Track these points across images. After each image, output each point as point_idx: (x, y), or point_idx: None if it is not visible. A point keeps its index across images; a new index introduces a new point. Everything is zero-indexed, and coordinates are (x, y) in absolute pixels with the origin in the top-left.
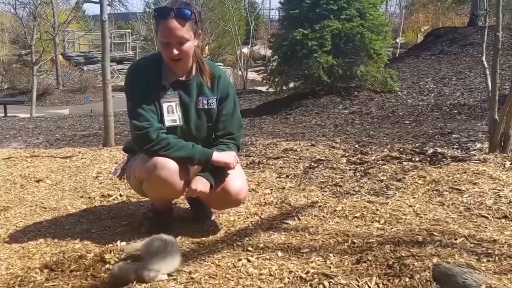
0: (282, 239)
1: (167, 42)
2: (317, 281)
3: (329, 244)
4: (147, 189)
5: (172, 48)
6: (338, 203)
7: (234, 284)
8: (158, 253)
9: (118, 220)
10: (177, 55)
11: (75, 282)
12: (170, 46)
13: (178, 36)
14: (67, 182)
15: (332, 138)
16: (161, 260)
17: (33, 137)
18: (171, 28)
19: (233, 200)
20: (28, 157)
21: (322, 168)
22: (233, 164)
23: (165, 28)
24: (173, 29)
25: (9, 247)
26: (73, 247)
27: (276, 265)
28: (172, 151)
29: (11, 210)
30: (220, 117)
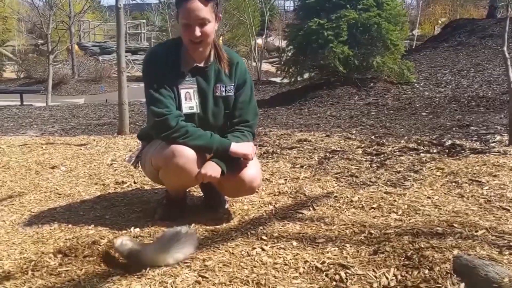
0: (297, 229)
1: (189, 23)
2: (333, 271)
3: (345, 235)
4: (163, 176)
5: (193, 29)
6: (355, 193)
7: (248, 272)
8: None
9: (132, 207)
10: (199, 37)
11: (88, 267)
12: (192, 28)
13: (200, 17)
14: (81, 169)
15: (348, 129)
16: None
17: (49, 125)
18: (194, 9)
19: (247, 188)
20: (43, 144)
21: (338, 158)
22: (251, 156)
23: (187, 10)
24: (195, 10)
25: (23, 232)
26: (86, 233)
27: (291, 255)
28: (190, 139)
29: (26, 196)
30: (236, 104)
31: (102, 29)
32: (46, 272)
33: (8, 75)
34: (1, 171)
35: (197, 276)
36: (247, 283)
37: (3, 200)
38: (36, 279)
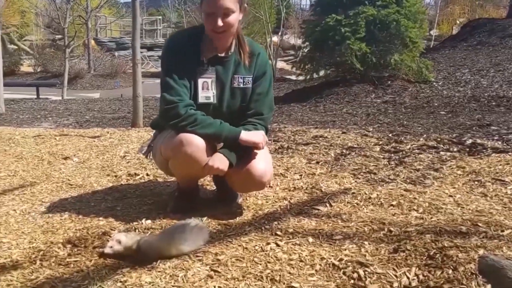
0: (313, 225)
1: (212, 12)
2: (351, 269)
3: (364, 232)
4: (172, 166)
5: (217, 19)
6: (373, 190)
7: (262, 268)
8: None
9: (144, 198)
10: (222, 27)
11: (97, 259)
12: (215, 17)
13: (224, 6)
14: (94, 160)
15: (364, 127)
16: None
17: (63, 118)
18: None
19: (257, 182)
20: (57, 135)
21: (355, 155)
22: (262, 144)
23: None
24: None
25: (34, 221)
26: (97, 224)
27: (307, 251)
28: (199, 127)
29: (38, 186)
30: (253, 96)
31: (118, 24)
32: (54, 262)
33: (25, 69)
34: (14, 161)
35: (209, 270)
36: (261, 279)
37: (14, 189)
38: (44, 269)
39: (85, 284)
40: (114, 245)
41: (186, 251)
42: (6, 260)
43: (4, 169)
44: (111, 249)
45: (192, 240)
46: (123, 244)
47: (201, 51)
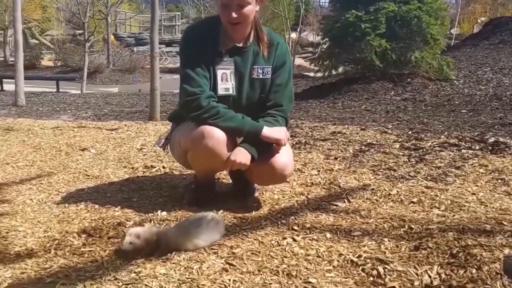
0: (331, 221)
1: (227, 4)
2: (371, 266)
3: (383, 229)
4: (192, 159)
5: (231, 10)
6: (393, 187)
7: (278, 263)
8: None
9: (160, 190)
10: (236, 18)
11: (112, 249)
12: (230, 9)
13: None
14: (111, 152)
15: (384, 124)
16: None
17: (82, 111)
18: None
19: (278, 175)
20: (75, 127)
21: (374, 152)
22: (284, 141)
23: None
24: None
25: (50, 211)
26: (112, 214)
27: (324, 247)
28: (221, 120)
29: (55, 176)
30: (272, 87)
31: (137, 20)
32: (69, 251)
33: (46, 63)
34: (32, 151)
35: (224, 263)
36: (277, 273)
37: (32, 179)
38: (59, 258)
39: (99, 274)
40: (134, 240)
41: (201, 245)
42: (21, 248)
43: (22, 159)
44: (131, 245)
45: (208, 234)
46: (143, 238)
47: (219, 42)
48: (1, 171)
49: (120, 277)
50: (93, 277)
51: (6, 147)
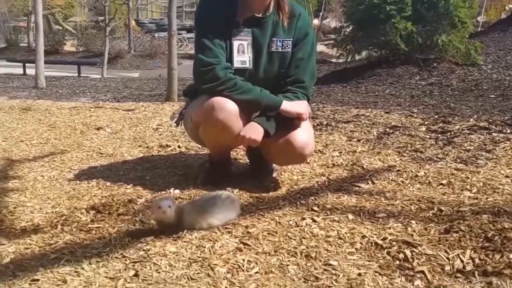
0: (353, 202)
1: None
2: (397, 249)
3: (410, 211)
4: (203, 134)
5: None
6: (420, 168)
7: (296, 244)
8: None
9: (174, 169)
10: None
11: (121, 226)
12: None
13: None
14: (127, 131)
15: (408, 108)
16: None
17: (101, 94)
18: None
19: (297, 154)
20: (92, 108)
21: (399, 134)
22: (305, 116)
23: None
24: None
25: (60, 187)
26: (124, 192)
27: (346, 228)
28: (238, 92)
29: (68, 154)
30: (293, 61)
31: (158, 6)
32: (76, 227)
33: (68, 49)
34: (47, 130)
35: (238, 243)
36: (295, 254)
37: (45, 156)
38: (65, 234)
39: (106, 251)
40: (167, 211)
41: (216, 224)
42: (27, 223)
43: (37, 137)
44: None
45: (223, 213)
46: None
47: (237, 12)
48: (14, 148)
49: (128, 255)
50: (99, 254)
51: (22, 125)
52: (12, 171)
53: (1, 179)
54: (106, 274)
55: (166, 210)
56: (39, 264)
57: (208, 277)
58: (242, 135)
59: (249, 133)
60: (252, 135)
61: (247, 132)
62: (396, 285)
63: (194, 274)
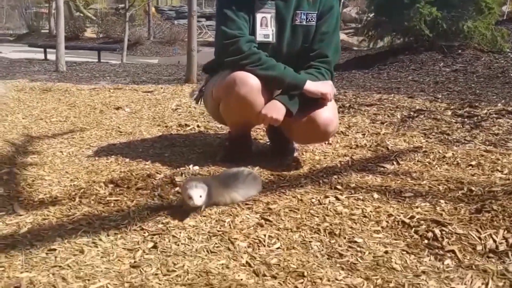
0: (378, 182)
1: None
2: (425, 228)
3: (438, 191)
4: (223, 109)
5: None
6: (448, 149)
7: (319, 221)
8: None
9: (193, 147)
10: None
11: (140, 200)
12: None
13: None
14: (146, 111)
15: (433, 94)
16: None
17: (121, 78)
18: None
19: (321, 132)
20: (111, 89)
21: (424, 118)
22: (330, 96)
23: None
24: None
25: (79, 163)
26: (142, 167)
27: (371, 207)
28: (261, 68)
29: (87, 132)
30: (317, 35)
31: None
32: (94, 200)
33: (89, 35)
34: (66, 109)
35: (259, 218)
36: (318, 231)
37: (64, 134)
38: (83, 206)
39: (124, 223)
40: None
41: (238, 200)
42: (45, 196)
43: (57, 115)
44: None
45: (245, 189)
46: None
47: None
48: (34, 125)
49: (147, 228)
50: (117, 226)
51: (42, 104)
52: (31, 147)
53: (20, 154)
54: (124, 246)
55: (197, 202)
56: (56, 234)
57: (228, 250)
58: (264, 113)
59: (270, 111)
60: (274, 114)
61: (269, 111)
62: (425, 264)
63: (214, 248)
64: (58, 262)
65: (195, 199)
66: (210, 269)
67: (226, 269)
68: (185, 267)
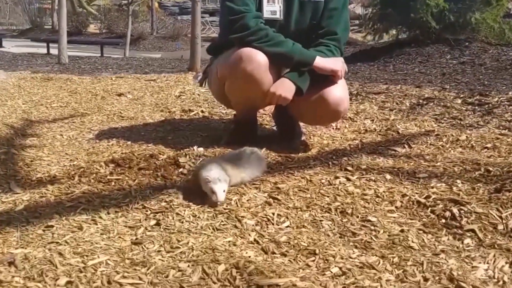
0: (390, 163)
1: None
2: (442, 208)
3: (454, 172)
4: (229, 89)
5: None
6: (461, 133)
7: (330, 200)
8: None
9: (197, 131)
10: None
11: (142, 179)
12: None
13: None
14: (148, 98)
15: (440, 84)
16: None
17: (123, 70)
18: None
19: (331, 111)
20: (113, 77)
21: (433, 105)
22: (341, 73)
23: None
24: None
25: (79, 146)
26: (145, 148)
27: (384, 187)
28: (269, 44)
29: (88, 116)
30: (325, 12)
31: None
32: (94, 178)
33: (91, 30)
34: (67, 95)
35: (267, 197)
36: (329, 210)
37: (64, 118)
38: (82, 184)
39: (125, 202)
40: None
41: (246, 180)
42: (43, 175)
43: (57, 101)
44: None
45: (250, 169)
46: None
47: None
48: (34, 110)
49: (149, 206)
50: (118, 204)
51: (42, 91)
52: (31, 130)
53: (19, 136)
54: (125, 224)
55: (221, 198)
56: (54, 212)
57: (235, 228)
58: (272, 92)
59: (279, 90)
60: (283, 92)
61: (278, 89)
62: (443, 243)
63: (220, 225)
64: (55, 238)
65: (219, 196)
66: (216, 246)
67: (233, 246)
68: (189, 244)
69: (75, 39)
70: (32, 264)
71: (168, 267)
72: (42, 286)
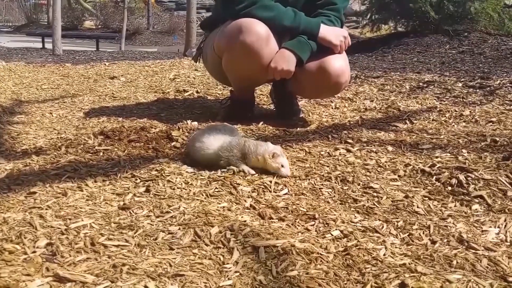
0: (392, 137)
1: None
2: (448, 175)
3: (459, 143)
4: (226, 63)
5: None
6: (464, 108)
7: (329, 170)
8: None
9: (192, 109)
10: None
11: (132, 151)
12: None
13: None
14: (142, 81)
15: (440, 72)
16: None
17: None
18: None
19: (332, 83)
20: (107, 63)
21: (434, 88)
22: (348, 41)
23: None
24: None
25: (69, 122)
26: (136, 122)
27: (386, 158)
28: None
29: (79, 97)
30: None
31: None
32: (82, 149)
33: (87, 26)
34: (59, 78)
35: None
36: (329, 179)
37: (55, 99)
38: (69, 155)
39: (114, 171)
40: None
41: None
42: (29, 147)
43: (49, 83)
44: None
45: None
46: None
47: None
48: (24, 91)
49: (139, 175)
50: (106, 173)
51: (34, 74)
52: (19, 109)
53: (7, 114)
54: (113, 191)
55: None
56: (38, 179)
57: (230, 194)
58: (273, 66)
59: (280, 63)
60: (285, 65)
61: (278, 63)
62: (450, 209)
63: (214, 192)
64: (37, 203)
65: (288, 169)
66: (210, 211)
67: (228, 211)
68: (181, 208)
69: (70, 33)
70: (10, 226)
71: (157, 230)
72: (20, 247)
